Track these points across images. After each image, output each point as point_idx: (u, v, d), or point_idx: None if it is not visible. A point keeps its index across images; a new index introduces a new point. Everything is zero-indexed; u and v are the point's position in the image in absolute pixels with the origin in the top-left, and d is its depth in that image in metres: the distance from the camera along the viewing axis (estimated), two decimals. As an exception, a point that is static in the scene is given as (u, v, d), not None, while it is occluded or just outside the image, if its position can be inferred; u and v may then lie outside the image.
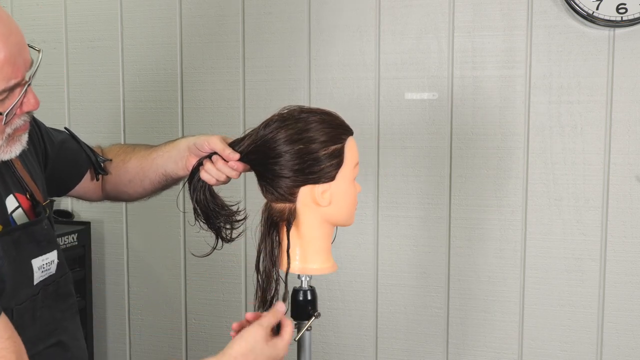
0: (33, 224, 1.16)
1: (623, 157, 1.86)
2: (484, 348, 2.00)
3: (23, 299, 1.08)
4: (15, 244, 1.11)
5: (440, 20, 1.96)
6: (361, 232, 2.06)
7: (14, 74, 1.02)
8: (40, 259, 1.16)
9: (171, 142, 1.34)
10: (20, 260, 1.11)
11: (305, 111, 1.18)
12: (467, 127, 1.96)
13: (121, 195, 1.44)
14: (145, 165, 1.36)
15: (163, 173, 1.33)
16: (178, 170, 1.30)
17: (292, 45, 2.08)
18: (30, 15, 2.31)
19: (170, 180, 1.35)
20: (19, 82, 1.04)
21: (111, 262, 2.33)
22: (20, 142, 1.12)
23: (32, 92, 1.08)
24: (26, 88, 1.06)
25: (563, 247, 1.92)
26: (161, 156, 1.33)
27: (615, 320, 1.89)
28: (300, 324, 1.22)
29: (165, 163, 1.32)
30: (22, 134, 1.12)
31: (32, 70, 1.07)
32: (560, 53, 1.88)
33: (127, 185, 1.40)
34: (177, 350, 2.27)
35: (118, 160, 1.41)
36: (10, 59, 1.01)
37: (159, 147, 1.36)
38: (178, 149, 1.29)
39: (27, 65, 1.06)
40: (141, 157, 1.38)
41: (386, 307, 2.07)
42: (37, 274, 1.15)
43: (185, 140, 1.30)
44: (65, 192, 1.42)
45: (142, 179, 1.37)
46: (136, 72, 2.24)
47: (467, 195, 1.98)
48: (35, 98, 1.09)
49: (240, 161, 1.21)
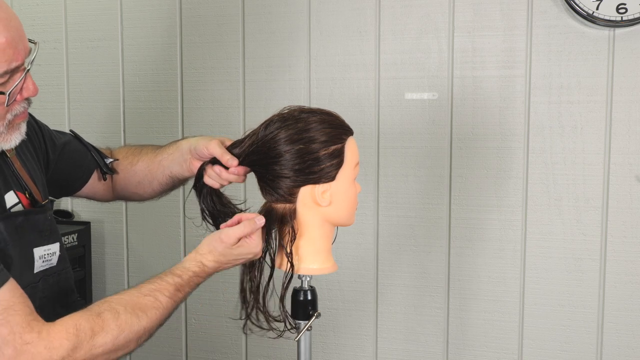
0: (35, 212, 1.18)
1: (623, 157, 1.86)
2: (484, 348, 2.00)
3: (24, 285, 1.11)
4: (18, 229, 1.13)
5: (440, 20, 1.96)
6: (361, 232, 2.06)
7: (15, 57, 1.06)
8: (42, 248, 1.18)
9: (175, 144, 1.36)
10: (22, 245, 1.14)
11: (305, 111, 1.19)
12: (467, 127, 1.96)
13: (132, 196, 1.48)
14: (153, 167, 1.39)
15: (169, 175, 1.37)
16: (183, 172, 1.33)
17: (292, 45, 2.08)
18: (30, 15, 2.31)
19: (177, 181, 1.38)
20: (19, 66, 1.08)
21: (111, 262, 2.33)
22: (20, 131, 1.15)
23: (31, 79, 1.12)
24: (26, 73, 1.09)
25: (563, 247, 1.92)
26: (166, 158, 1.36)
27: (615, 320, 1.89)
28: (300, 324, 1.22)
29: (171, 165, 1.35)
30: (21, 123, 1.15)
31: (30, 57, 1.11)
32: (560, 53, 1.88)
33: (137, 186, 1.43)
34: (177, 350, 2.27)
35: (126, 162, 1.43)
36: (12, 42, 1.05)
37: (163, 149, 1.39)
38: (181, 152, 1.32)
39: (26, 51, 1.10)
40: (148, 160, 1.40)
41: (386, 307, 2.07)
42: (38, 262, 1.17)
43: (186, 142, 1.32)
44: (71, 192, 1.44)
45: (151, 181, 1.40)
46: (136, 72, 2.24)
47: (467, 195, 1.98)
48: (34, 84, 1.12)
49: (241, 164, 1.21)
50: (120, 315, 1.06)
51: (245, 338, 2.20)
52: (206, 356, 2.25)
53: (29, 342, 0.99)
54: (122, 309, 1.07)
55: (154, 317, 1.10)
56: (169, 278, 1.14)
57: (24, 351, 0.98)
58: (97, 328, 1.03)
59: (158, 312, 1.11)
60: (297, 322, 1.23)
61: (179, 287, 1.14)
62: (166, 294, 1.12)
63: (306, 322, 1.21)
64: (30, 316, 1.02)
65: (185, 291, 1.15)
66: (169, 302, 1.12)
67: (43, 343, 1.00)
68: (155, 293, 1.11)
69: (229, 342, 2.22)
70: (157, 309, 1.10)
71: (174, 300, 1.13)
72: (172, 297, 1.12)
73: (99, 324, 1.03)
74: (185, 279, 1.15)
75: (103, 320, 1.04)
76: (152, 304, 1.10)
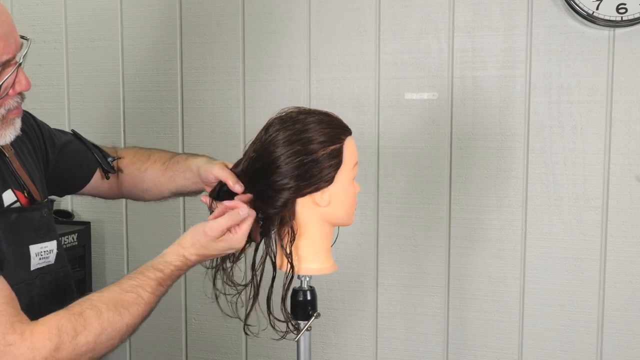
0: (30, 210, 1.18)
1: (623, 157, 1.86)
2: (484, 348, 2.00)
3: (18, 281, 1.11)
4: (12, 226, 1.13)
5: (440, 20, 1.95)
6: (361, 232, 2.06)
7: (6, 50, 1.07)
8: (38, 245, 1.18)
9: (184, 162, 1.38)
10: (17, 243, 1.14)
11: (303, 112, 1.19)
12: (467, 127, 1.96)
13: (138, 198, 1.50)
14: (163, 180, 1.40)
15: (183, 189, 1.39)
16: (199, 187, 1.35)
17: (292, 45, 2.08)
18: (30, 15, 2.31)
19: (191, 193, 1.41)
20: (9, 59, 1.08)
21: (111, 262, 2.33)
22: (14, 127, 1.15)
23: (23, 73, 1.12)
24: (17, 67, 1.10)
25: (563, 247, 1.92)
26: (178, 176, 1.38)
27: (615, 320, 1.89)
28: (300, 324, 1.22)
29: (185, 183, 1.37)
30: (15, 118, 1.15)
31: (22, 52, 1.11)
32: (560, 53, 1.88)
33: (145, 192, 1.45)
34: (177, 350, 2.27)
35: (134, 168, 1.44)
36: (2, 35, 1.06)
37: (173, 166, 1.40)
38: (192, 172, 1.34)
39: (17, 45, 1.10)
40: (158, 172, 1.41)
41: (386, 307, 2.07)
42: (34, 260, 1.18)
43: (194, 162, 1.34)
44: (73, 191, 1.45)
45: (161, 190, 1.42)
46: (136, 72, 2.24)
47: (467, 195, 1.98)
48: (27, 79, 1.12)
49: (244, 180, 1.21)
50: (102, 313, 1.06)
51: (245, 338, 2.20)
52: (206, 356, 2.25)
53: (12, 343, 0.99)
54: (104, 307, 1.07)
55: (136, 314, 1.10)
56: (150, 273, 1.14)
57: (7, 352, 0.99)
58: (80, 327, 1.03)
59: (140, 308, 1.11)
60: (296, 322, 1.23)
61: (161, 281, 1.14)
62: (148, 290, 1.12)
63: (306, 322, 1.21)
64: (15, 317, 1.02)
65: (167, 284, 1.15)
66: (151, 298, 1.12)
67: (26, 344, 1.00)
68: (138, 289, 1.11)
69: (229, 342, 2.22)
70: (139, 305, 1.11)
71: (156, 296, 1.13)
72: (154, 292, 1.13)
73: (81, 323, 1.03)
74: (167, 274, 1.15)
75: (85, 319, 1.04)
76: (134, 300, 1.10)
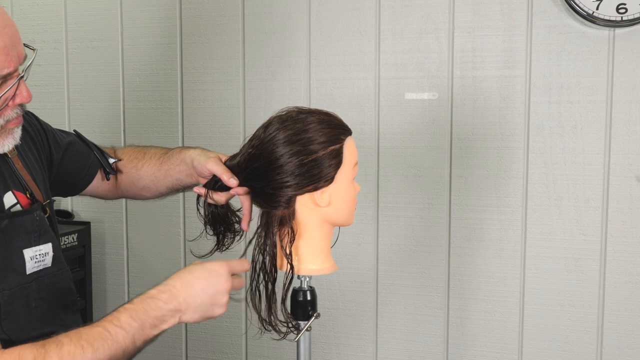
0: (21, 214, 1.17)
1: (623, 157, 1.86)
2: (484, 348, 2.00)
3: (12, 285, 1.11)
4: (3, 232, 1.13)
5: (440, 20, 1.95)
6: (361, 232, 2.06)
7: (7, 64, 1.06)
8: (32, 249, 1.18)
9: (178, 155, 1.37)
10: (8, 247, 1.14)
11: (303, 112, 1.18)
12: (467, 127, 1.96)
13: (137, 197, 1.50)
14: (159, 175, 1.40)
15: (178, 183, 1.39)
16: (193, 180, 1.35)
17: (292, 45, 2.08)
18: (30, 15, 2.31)
19: (187, 187, 1.40)
20: (10, 73, 1.08)
21: (111, 262, 2.33)
22: (13, 137, 1.15)
23: (25, 86, 1.11)
24: (18, 80, 1.09)
25: (563, 247, 1.92)
26: (173, 169, 1.38)
27: (615, 320, 1.89)
28: (300, 324, 1.22)
29: (180, 177, 1.37)
30: (15, 128, 1.15)
31: (25, 64, 1.11)
32: (560, 53, 1.88)
33: (142, 189, 1.45)
34: (177, 350, 2.27)
35: (130, 166, 1.45)
36: (3, 49, 1.05)
37: (168, 159, 1.40)
38: (187, 165, 1.34)
39: (20, 58, 1.09)
40: (154, 167, 1.42)
41: (386, 307, 2.07)
42: (29, 264, 1.17)
43: (187, 155, 1.34)
44: (76, 192, 1.46)
45: (158, 186, 1.42)
46: (136, 72, 2.24)
47: (467, 195, 1.98)
48: (28, 91, 1.12)
49: (240, 175, 1.21)
50: (63, 346, 1.02)
51: (245, 338, 2.20)
52: (206, 356, 2.25)
53: None
54: (66, 340, 1.02)
55: (102, 349, 1.03)
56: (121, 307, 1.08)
57: None
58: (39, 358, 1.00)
59: (107, 343, 1.03)
60: (296, 322, 1.22)
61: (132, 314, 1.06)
62: (115, 323, 1.05)
63: (306, 323, 1.21)
64: None
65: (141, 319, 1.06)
66: (119, 333, 1.04)
67: None
68: (104, 323, 1.05)
69: (229, 342, 2.22)
70: (105, 340, 1.03)
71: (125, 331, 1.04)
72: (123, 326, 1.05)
73: (41, 354, 1.00)
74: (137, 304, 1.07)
75: (46, 351, 1.01)
76: (99, 334, 1.03)
